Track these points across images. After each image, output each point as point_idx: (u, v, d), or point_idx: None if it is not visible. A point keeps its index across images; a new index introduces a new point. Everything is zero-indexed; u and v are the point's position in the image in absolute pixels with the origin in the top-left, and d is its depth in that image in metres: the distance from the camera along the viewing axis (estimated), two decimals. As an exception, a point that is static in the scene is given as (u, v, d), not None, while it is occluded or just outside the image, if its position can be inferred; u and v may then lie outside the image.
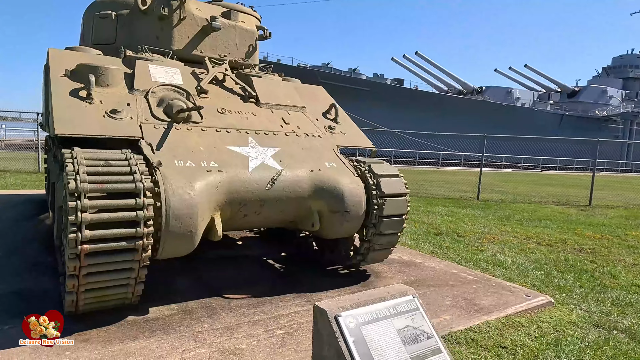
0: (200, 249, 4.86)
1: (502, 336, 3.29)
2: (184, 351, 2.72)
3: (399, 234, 4.23)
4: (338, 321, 2.32)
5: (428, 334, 2.52)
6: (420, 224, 7.99)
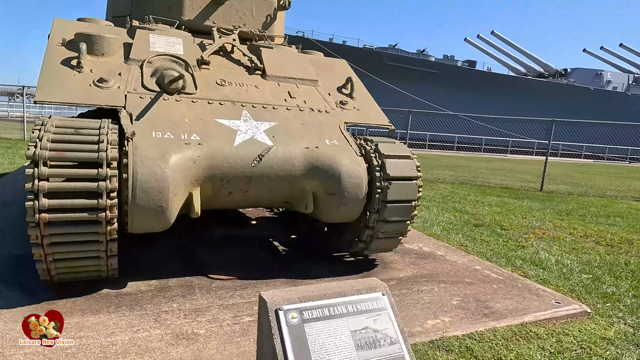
0: (208, 227, 4.81)
1: (507, 348, 2.80)
2: (137, 330, 2.60)
3: (407, 222, 3.79)
4: (278, 315, 2.03)
5: (392, 339, 2.14)
6: (461, 214, 7.34)
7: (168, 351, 2.40)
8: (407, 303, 3.30)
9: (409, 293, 3.50)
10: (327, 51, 5.00)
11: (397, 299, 3.35)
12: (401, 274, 3.93)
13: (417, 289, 3.61)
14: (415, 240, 5.17)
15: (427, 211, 7.37)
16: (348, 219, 3.73)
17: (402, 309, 3.18)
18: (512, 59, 45.17)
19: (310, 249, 4.42)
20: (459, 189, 10.81)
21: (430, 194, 9.57)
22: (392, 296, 3.44)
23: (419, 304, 3.31)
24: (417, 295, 3.47)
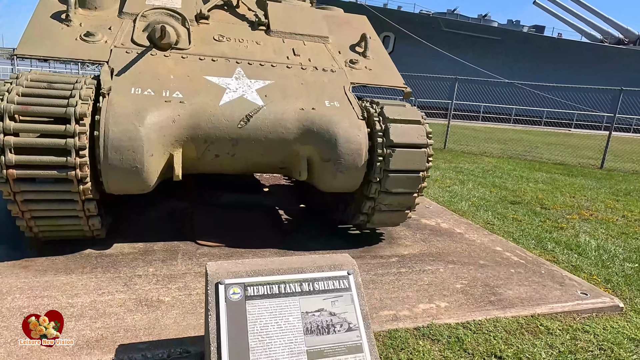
0: (215, 192, 4.68)
1: (507, 342, 2.43)
2: (102, 293, 2.51)
3: (414, 195, 3.41)
4: (217, 289, 1.81)
5: (350, 325, 1.87)
6: (499, 190, 6.73)
7: (124, 317, 2.28)
8: (403, 283, 2.99)
9: (408, 272, 3.17)
10: (381, 17, 4.50)
11: (393, 278, 3.05)
12: (406, 251, 3.59)
13: (420, 268, 3.27)
14: (436, 215, 4.76)
15: (461, 185, 6.84)
16: (347, 188, 3.42)
17: (394, 290, 2.88)
18: (587, 24, 40.81)
19: (316, 220, 4.17)
20: (504, 163, 10.00)
21: (470, 167, 8.92)
22: (389, 274, 3.16)
23: (416, 285, 2.98)
24: (417, 276, 3.13)
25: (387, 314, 2.57)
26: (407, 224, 4.30)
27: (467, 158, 10.38)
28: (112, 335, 2.13)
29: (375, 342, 2.23)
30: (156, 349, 2.05)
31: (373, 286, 2.91)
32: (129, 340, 2.10)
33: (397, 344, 2.29)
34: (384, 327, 2.43)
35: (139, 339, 2.12)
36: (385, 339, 2.32)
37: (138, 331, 2.18)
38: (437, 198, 5.72)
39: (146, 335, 2.15)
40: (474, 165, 9.32)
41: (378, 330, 2.39)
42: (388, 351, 2.23)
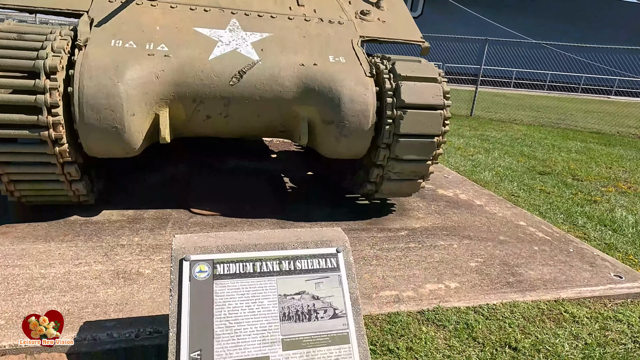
0: (220, 157, 4.45)
1: (524, 331, 2.12)
2: (79, 264, 2.33)
3: (427, 163, 3.06)
4: (181, 267, 1.56)
5: (336, 311, 1.60)
6: (527, 159, 6.25)
7: (96, 291, 2.10)
8: (410, 260, 2.70)
9: (417, 248, 2.87)
10: None
11: (399, 254, 2.76)
12: (417, 224, 3.28)
13: (431, 243, 2.96)
14: (454, 185, 4.39)
15: (485, 154, 6.38)
16: (353, 154, 3.09)
17: (399, 267, 2.59)
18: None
19: (322, 189, 3.88)
20: (535, 131, 9.37)
21: (497, 135, 8.37)
22: (396, 250, 2.86)
23: (425, 262, 2.69)
24: (427, 252, 2.83)
25: (388, 294, 2.30)
26: (422, 194, 3.97)
27: (495, 126, 9.78)
28: (79, 311, 1.94)
29: (372, 327, 1.98)
30: (124, 328, 1.85)
31: (376, 262, 2.63)
32: (96, 317, 1.91)
33: (396, 330, 2.02)
34: (384, 309, 2.16)
35: (108, 315, 1.93)
36: (384, 324, 2.06)
37: (108, 307, 1.99)
38: (457, 167, 5.32)
39: (116, 312, 1.96)
40: (501, 133, 8.75)
41: (377, 313, 2.13)
42: (385, 337, 1.96)
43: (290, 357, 1.49)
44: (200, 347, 1.45)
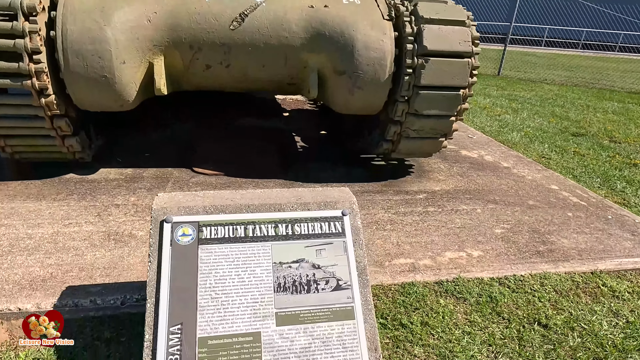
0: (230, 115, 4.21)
1: (556, 306, 1.88)
2: (69, 224, 2.17)
3: (451, 119, 2.75)
4: (162, 229, 1.36)
5: (340, 282, 1.39)
6: (559, 120, 5.80)
7: (84, 253, 1.94)
8: (428, 225, 2.45)
9: (436, 212, 2.62)
10: None
11: (417, 218, 2.51)
12: (437, 187, 3.01)
13: (452, 207, 2.70)
14: (479, 146, 4.06)
15: (514, 114, 5.95)
16: (368, 109, 2.81)
17: (416, 233, 2.35)
18: None
19: (336, 149, 3.62)
20: (568, 91, 8.76)
21: (527, 95, 7.85)
22: (413, 214, 2.62)
23: (445, 227, 2.44)
24: (448, 216, 2.58)
25: (403, 262, 2.07)
26: (443, 155, 3.67)
27: (524, 85, 9.18)
28: (62, 275, 1.79)
29: (383, 298, 1.77)
30: (109, 294, 1.69)
31: (391, 227, 2.40)
32: (81, 281, 1.76)
33: (410, 302, 1.81)
34: (397, 279, 1.94)
35: (94, 280, 1.77)
36: (397, 295, 1.84)
37: (95, 271, 1.83)
38: (483, 127, 4.95)
39: (103, 277, 1.80)
40: (531, 93, 8.20)
41: (389, 282, 1.92)
42: (397, 311, 1.76)
43: (284, 333, 1.30)
44: (182, 321, 1.26)
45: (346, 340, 1.32)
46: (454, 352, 1.59)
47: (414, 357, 1.56)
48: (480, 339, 1.67)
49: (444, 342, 1.63)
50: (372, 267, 2.01)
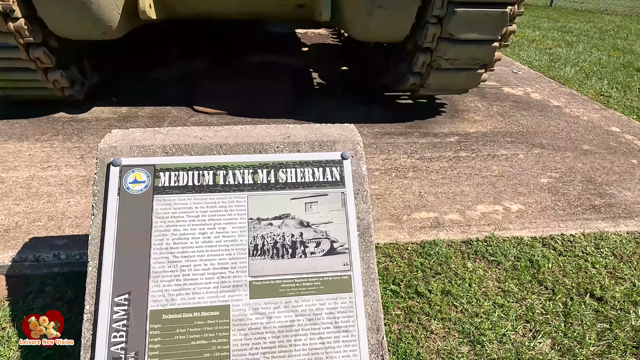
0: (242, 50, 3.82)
1: (615, 275, 1.52)
2: (47, 167, 1.95)
3: (494, 45, 2.26)
4: (109, 173, 1.07)
5: (334, 245, 1.08)
6: (621, 53, 5.03)
7: (57, 200, 1.71)
8: (459, 173, 2.07)
9: (469, 158, 2.23)
10: None
11: (445, 165, 2.14)
12: (473, 128, 2.58)
13: (488, 152, 2.29)
14: (526, 82, 3.52)
15: (567, 48, 5.21)
16: (392, 34, 2.35)
17: (443, 182, 1.99)
18: None
19: (357, 86, 3.20)
20: (632, 22, 7.68)
21: (583, 27, 6.91)
22: (441, 159, 2.23)
23: (479, 176, 2.06)
24: (483, 163, 2.18)
25: (425, 216, 1.74)
26: (482, 92, 3.18)
27: (581, 16, 8.13)
28: (29, 224, 1.57)
29: (398, 260, 1.47)
30: (76, 248, 1.47)
31: (413, 174, 2.04)
32: (47, 232, 1.54)
33: (430, 265, 1.49)
34: (416, 236, 1.62)
35: (62, 231, 1.55)
36: (414, 256, 1.53)
37: (65, 220, 1.61)
38: (530, 62, 4.33)
39: (72, 227, 1.57)
40: (588, 24, 7.23)
41: (406, 241, 1.60)
42: (414, 275, 1.45)
43: (260, 308, 1.02)
44: (129, 289, 1.00)
45: (339, 318, 1.03)
46: (480, 330, 1.28)
47: (430, 333, 1.27)
48: (516, 313, 1.35)
49: (469, 317, 1.32)
50: (386, 221, 1.69)
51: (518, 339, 1.27)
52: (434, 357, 1.20)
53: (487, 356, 1.21)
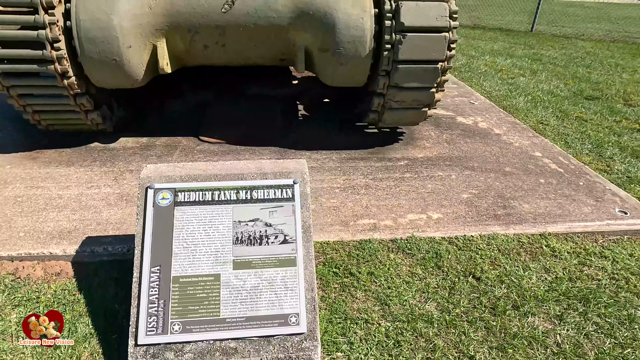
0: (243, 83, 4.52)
1: (494, 263, 2.15)
2: (90, 187, 2.62)
3: (431, 90, 2.93)
4: (147, 194, 1.74)
5: (287, 237, 1.73)
6: (578, 82, 5.69)
7: (101, 211, 2.38)
8: (400, 190, 2.72)
9: (412, 178, 2.88)
10: None
11: (391, 184, 2.79)
12: (421, 154, 3.23)
13: (429, 174, 2.94)
14: (478, 112, 4.18)
15: (530, 77, 5.88)
16: (353, 82, 3.03)
17: (387, 197, 2.64)
18: None
19: (335, 117, 3.87)
20: (603, 48, 8.36)
21: (554, 54, 7.60)
22: (389, 180, 2.89)
23: (415, 193, 2.70)
24: (421, 182, 2.83)
25: (366, 222, 2.39)
26: (437, 122, 3.85)
27: (556, 42, 8.82)
28: (84, 228, 2.24)
29: (341, 252, 2.11)
30: (118, 244, 2.13)
31: (365, 191, 2.69)
32: (97, 233, 2.20)
33: (363, 256, 2.14)
34: (357, 236, 2.27)
35: (107, 232, 2.21)
36: (353, 250, 2.17)
37: (108, 225, 2.27)
38: (490, 92, 5.00)
39: (114, 230, 2.23)
40: (560, 51, 7.91)
41: (349, 239, 2.24)
42: (350, 262, 2.09)
43: (239, 275, 1.67)
44: (160, 264, 1.66)
45: (288, 282, 1.68)
46: (390, 297, 1.92)
47: (356, 299, 1.91)
48: (417, 287, 1.98)
49: (384, 289, 1.96)
50: (337, 226, 2.34)
51: (414, 303, 1.91)
52: (354, 312, 1.84)
53: (390, 312, 1.85)
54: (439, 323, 1.81)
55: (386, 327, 1.78)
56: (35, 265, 2.02)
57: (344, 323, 1.79)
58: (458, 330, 1.78)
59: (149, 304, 1.60)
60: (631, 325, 1.84)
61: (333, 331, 1.75)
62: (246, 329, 1.61)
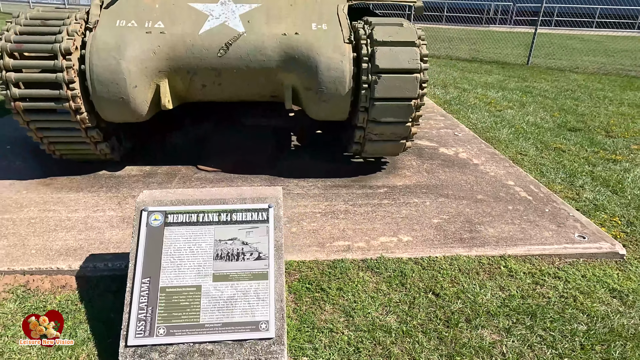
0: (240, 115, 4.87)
1: (454, 281, 2.37)
2: (96, 210, 2.92)
3: (407, 124, 3.22)
4: (141, 215, 2.03)
5: (260, 254, 1.99)
6: (564, 114, 5.96)
7: (104, 232, 2.67)
8: (376, 215, 2.98)
9: (388, 204, 3.13)
10: None
11: (369, 209, 3.04)
12: (400, 182, 3.49)
13: (404, 201, 3.20)
14: (460, 143, 4.45)
15: (518, 109, 6.17)
16: (335, 117, 3.34)
17: (363, 221, 2.89)
18: None
19: (324, 147, 4.18)
20: (594, 81, 8.66)
21: (545, 87, 7.90)
22: (368, 206, 3.16)
23: (390, 217, 2.95)
24: (397, 208, 3.08)
25: (341, 244, 2.63)
26: (420, 152, 4.12)
27: (550, 75, 9.15)
28: (88, 246, 2.52)
29: (315, 270, 2.36)
30: (117, 260, 2.40)
31: (343, 216, 2.95)
32: (100, 251, 2.48)
33: (335, 274, 2.38)
34: (330, 256, 2.51)
35: (108, 250, 2.49)
36: (326, 268, 2.41)
37: (110, 244, 2.55)
38: (476, 124, 5.28)
39: (115, 248, 2.51)
40: (552, 84, 8.22)
41: (323, 259, 2.49)
42: (322, 279, 2.33)
43: (217, 286, 1.92)
44: (150, 275, 1.92)
45: (260, 293, 1.93)
46: (354, 310, 2.14)
47: (324, 311, 2.14)
48: (380, 301, 2.21)
49: (350, 302, 2.19)
50: (314, 247, 2.59)
51: (376, 315, 2.13)
52: (322, 322, 2.07)
53: (354, 322, 2.07)
54: (396, 333, 2.02)
55: (349, 336, 2.00)
56: (44, 278, 2.30)
57: (311, 331, 2.02)
58: (413, 339, 2.00)
59: (139, 310, 1.86)
60: (572, 338, 2.04)
61: (301, 338, 1.98)
62: (222, 334, 1.84)
